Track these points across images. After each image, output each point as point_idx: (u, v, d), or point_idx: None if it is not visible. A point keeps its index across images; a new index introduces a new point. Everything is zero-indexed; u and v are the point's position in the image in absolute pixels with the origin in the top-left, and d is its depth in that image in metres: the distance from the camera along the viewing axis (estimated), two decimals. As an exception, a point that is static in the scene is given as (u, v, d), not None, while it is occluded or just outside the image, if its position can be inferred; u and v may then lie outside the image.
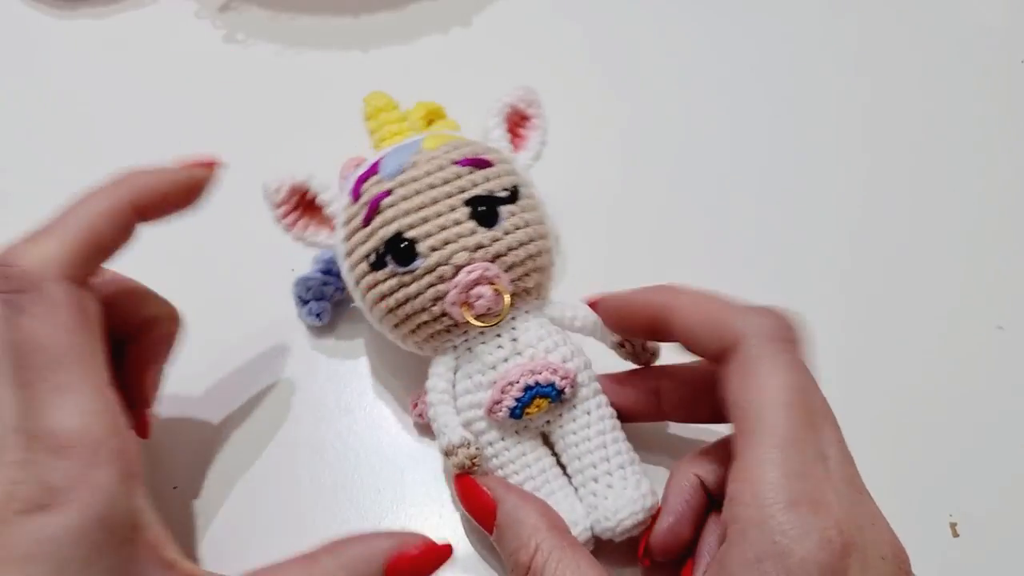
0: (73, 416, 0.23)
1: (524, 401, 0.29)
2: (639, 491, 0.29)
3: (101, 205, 0.27)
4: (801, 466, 0.24)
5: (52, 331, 0.24)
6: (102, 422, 0.24)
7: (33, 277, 0.24)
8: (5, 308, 0.24)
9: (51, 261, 0.25)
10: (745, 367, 0.26)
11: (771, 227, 0.41)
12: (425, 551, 0.27)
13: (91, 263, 0.26)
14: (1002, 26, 0.50)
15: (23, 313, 0.24)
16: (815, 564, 0.22)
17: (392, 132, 0.34)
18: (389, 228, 0.30)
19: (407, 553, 0.26)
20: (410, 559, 0.26)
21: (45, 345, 0.24)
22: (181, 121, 0.45)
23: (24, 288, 0.24)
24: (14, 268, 0.24)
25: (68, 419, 0.23)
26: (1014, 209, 0.42)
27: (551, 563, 0.26)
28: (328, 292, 0.37)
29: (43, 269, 0.24)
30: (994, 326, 0.38)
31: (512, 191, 0.31)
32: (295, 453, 0.34)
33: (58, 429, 0.23)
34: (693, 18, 0.51)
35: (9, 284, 0.24)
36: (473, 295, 0.29)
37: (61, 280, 0.25)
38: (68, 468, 0.23)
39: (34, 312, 0.24)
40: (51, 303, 0.24)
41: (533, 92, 0.35)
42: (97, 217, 0.26)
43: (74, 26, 0.50)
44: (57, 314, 0.24)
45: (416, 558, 0.26)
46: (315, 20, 0.50)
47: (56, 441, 0.23)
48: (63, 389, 0.24)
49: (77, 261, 0.25)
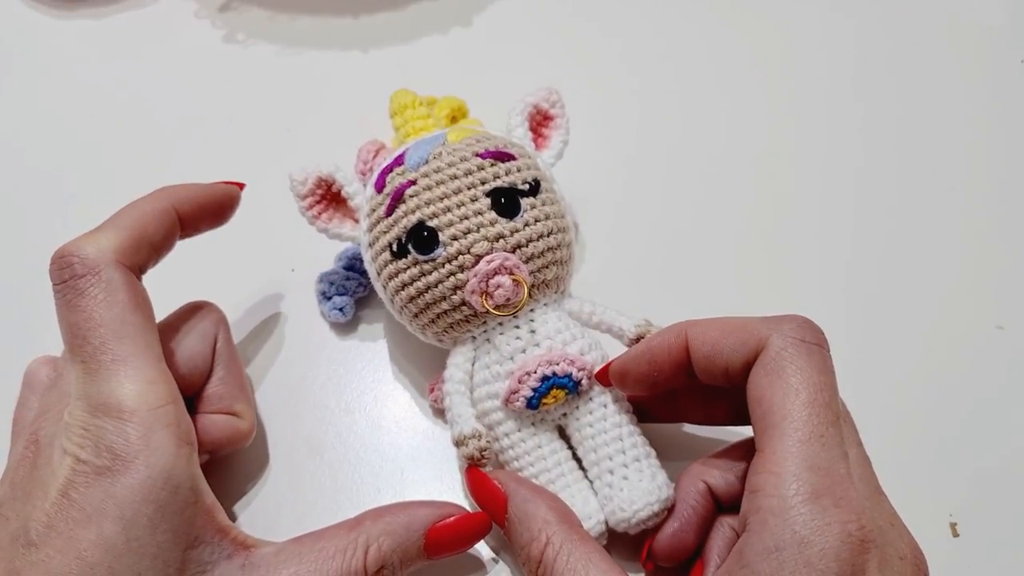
0: (132, 385, 0.25)
1: (541, 391, 0.30)
2: (655, 483, 0.29)
3: (148, 207, 0.29)
4: (825, 461, 0.24)
5: (109, 309, 0.26)
6: (159, 391, 0.26)
7: (90, 263, 0.27)
8: (69, 293, 0.27)
9: (107, 250, 0.27)
10: (771, 365, 0.26)
11: (772, 226, 0.41)
12: (465, 520, 0.29)
13: (144, 255, 0.29)
14: (1002, 26, 0.50)
15: (83, 295, 0.26)
16: (834, 556, 0.22)
17: (417, 128, 0.35)
18: (412, 217, 0.30)
19: (448, 522, 0.28)
20: (451, 528, 0.28)
21: (104, 322, 0.26)
22: (181, 121, 0.45)
23: (84, 273, 0.27)
24: (74, 257, 0.27)
25: (127, 388, 0.25)
26: (1014, 209, 0.42)
27: (562, 556, 0.26)
28: (351, 287, 0.37)
29: (99, 256, 0.27)
30: (994, 326, 0.38)
31: (533, 184, 0.31)
32: (295, 453, 0.34)
33: (118, 397, 0.25)
34: (693, 17, 0.51)
35: (72, 271, 0.27)
36: (492, 284, 0.30)
37: (117, 266, 0.27)
38: (129, 433, 0.25)
39: (93, 294, 0.26)
40: (108, 285, 0.27)
41: (556, 92, 0.35)
42: (145, 216, 0.29)
43: (74, 26, 0.50)
44: (114, 295, 0.27)
45: (456, 527, 0.29)
46: (315, 20, 0.50)
47: (117, 408, 0.25)
48: (121, 361, 0.26)
49: (130, 250, 0.28)
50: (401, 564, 0.28)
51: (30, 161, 0.44)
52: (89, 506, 0.24)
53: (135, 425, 0.25)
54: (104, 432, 0.25)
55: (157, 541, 0.24)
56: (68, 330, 0.27)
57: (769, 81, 0.48)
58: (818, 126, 0.46)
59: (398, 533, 0.28)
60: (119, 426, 0.25)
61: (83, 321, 0.26)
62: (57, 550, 0.24)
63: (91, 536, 0.24)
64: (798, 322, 0.27)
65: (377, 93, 0.37)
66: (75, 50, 0.49)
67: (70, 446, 0.25)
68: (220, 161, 0.43)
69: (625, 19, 0.51)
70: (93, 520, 0.24)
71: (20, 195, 0.43)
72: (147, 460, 0.25)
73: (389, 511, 0.29)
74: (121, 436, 0.25)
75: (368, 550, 0.27)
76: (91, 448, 0.25)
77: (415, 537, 0.28)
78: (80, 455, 0.25)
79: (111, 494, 0.24)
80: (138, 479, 0.24)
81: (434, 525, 0.28)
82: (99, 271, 0.27)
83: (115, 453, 0.24)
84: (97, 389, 0.25)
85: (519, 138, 0.34)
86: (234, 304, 0.37)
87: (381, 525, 0.28)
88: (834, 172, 0.44)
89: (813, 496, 0.23)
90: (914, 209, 0.42)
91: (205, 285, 0.34)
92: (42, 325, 0.30)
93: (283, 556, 0.27)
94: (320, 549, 0.27)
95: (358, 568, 0.27)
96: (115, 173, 0.43)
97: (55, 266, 0.27)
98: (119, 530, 0.24)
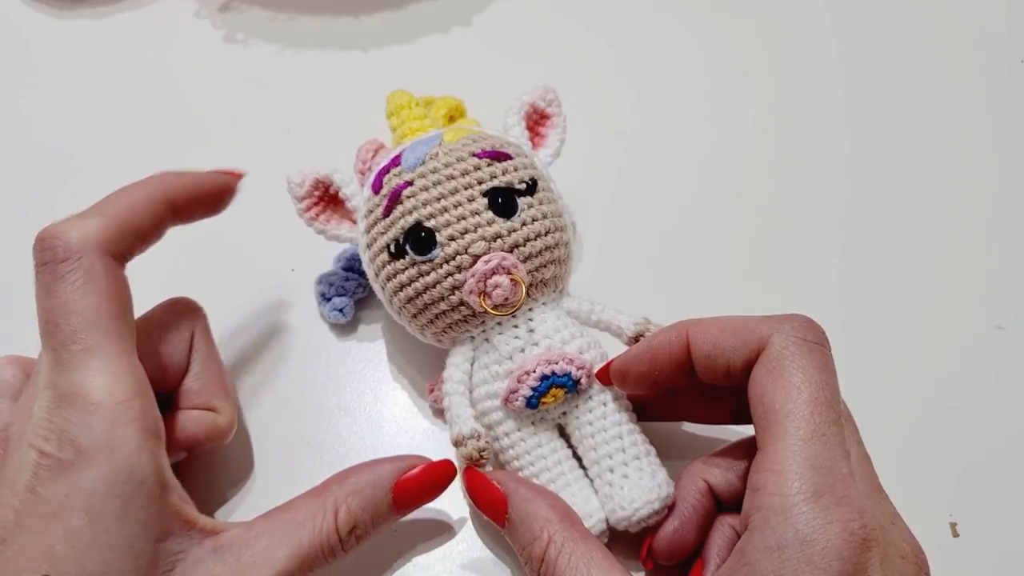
0: (99, 377, 0.25)
1: (540, 391, 0.30)
2: (655, 481, 0.29)
3: (138, 194, 0.29)
4: (827, 460, 0.24)
5: (86, 297, 0.26)
6: (127, 383, 0.25)
7: (73, 248, 0.26)
8: (47, 276, 0.26)
9: (91, 236, 0.26)
10: (772, 364, 0.26)
11: (770, 226, 0.41)
12: (429, 469, 0.29)
13: (128, 243, 0.28)
14: (1002, 26, 0.50)
15: (62, 280, 0.26)
16: (836, 555, 0.22)
17: (413, 129, 0.34)
18: (409, 218, 0.30)
19: (412, 474, 0.29)
20: (416, 479, 0.29)
21: (79, 309, 0.25)
22: (181, 121, 0.45)
23: (65, 258, 0.26)
24: (57, 240, 0.26)
25: (95, 379, 0.25)
26: (1014, 209, 0.42)
27: (564, 554, 0.26)
28: (350, 288, 0.37)
29: (83, 242, 0.26)
30: (994, 326, 0.38)
31: (530, 183, 0.31)
32: (295, 453, 0.34)
33: (85, 388, 0.25)
34: (691, 17, 0.51)
35: (54, 255, 0.26)
36: (490, 284, 0.30)
37: (99, 253, 0.26)
38: (93, 426, 0.24)
39: (72, 279, 0.26)
40: (88, 272, 0.26)
41: (553, 91, 0.35)
42: (134, 204, 0.28)
43: (74, 26, 0.50)
44: (93, 282, 0.26)
45: (421, 477, 0.29)
46: (315, 20, 0.50)
47: (83, 400, 0.25)
48: (91, 351, 0.25)
49: (115, 238, 0.27)
50: (372, 522, 0.28)
51: (30, 161, 0.44)
52: (55, 501, 0.24)
53: (99, 418, 0.24)
54: (68, 425, 0.24)
55: (125, 535, 0.24)
56: (43, 315, 0.26)
57: (766, 81, 0.48)
58: (817, 126, 0.46)
59: (365, 492, 0.28)
60: (83, 419, 0.24)
61: (58, 307, 0.26)
62: (25, 545, 0.24)
63: (58, 531, 0.23)
64: (800, 321, 0.27)
65: (377, 93, 0.37)
66: (75, 50, 0.49)
67: (35, 439, 0.24)
68: (220, 161, 0.43)
69: (624, 20, 0.51)
70: (59, 515, 0.24)
71: (19, 195, 0.43)
72: (111, 455, 0.24)
73: (354, 471, 0.29)
74: (85, 429, 0.24)
75: (338, 512, 0.27)
76: (55, 441, 0.24)
77: (382, 493, 0.28)
78: (44, 448, 0.24)
79: (76, 488, 0.24)
80: (102, 473, 0.24)
81: (399, 478, 0.28)
82: (80, 256, 0.26)
83: (78, 447, 0.24)
84: (66, 379, 0.25)
85: (516, 137, 0.34)
86: (234, 304, 0.37)
87: (347, 486, 0.28)
88: (834, 172, 0.44)
89: (815, 495, 0.23)
90: (913, 209, 0.42)
91: (205, 285, 0.34)
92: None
93: (254, 532, 0.27)
94: (289, 520, 0.27)
95: (330, 531, 0.27)
96: (115, 173, 0.43)
97: (37, 247, 0.26)
98: (85, 524, 0.24)
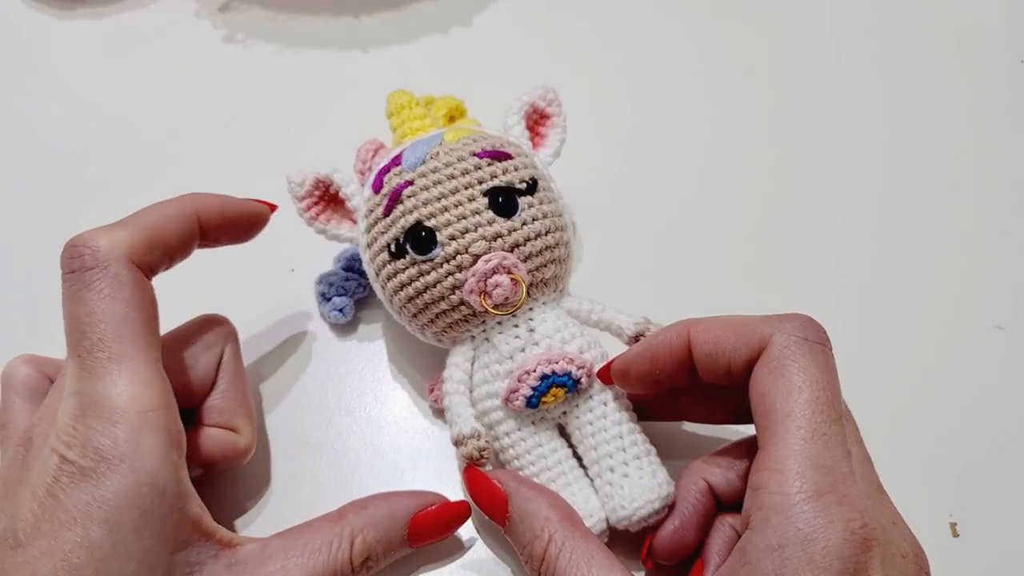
0: (124, 386, 0.25)
1: (540, 390, 0.30)
2: (655, 480, 0.29)
3: (170, 210, 0.29)
4: (828, 459, 0.24)
5: (113, 306, 0.26)
6: (152, 394, 0.25)
7: (101, 257, 0.26)
8: (75, 284, 0.26)
9: (119, 245, 0.27)
10: (774, 363, 0.26)
11: (770, 226, 0.41)
12: (445, 508, 0.30)
13: (156, 256, 0.28)
14: (1002, 26, 0.50)
15: (89, 288, 0.26)
16: (837, 554, 0.22)
17: (414, 128, 0.34)
18: (409, 217, 0.30)
19: (429, 511, 0.29)
20: (432, 516, 0.29)
21: (106, 318, 0.26)
22: (181, 121, 0.45)
23: (93, 266, 0.26)
24: (86, 248, 0.26)
25: (120, 388, 0.25)
26: (1014, 209, 0.42)
27: (565, 554, 0.26)
28: (350, 288, 0.37)
29: (111, 250, 0.26)
30: (994, 326, 0.38)
31: (530, 183, 0.31)
32: (295, 453, 0.34)
33: (110, 397, 0.25)
34: (693, 17, 0.51)
35: (82, 263, 0.26)
36: (491, 284, 0.30)
37: (127, 263, 0.27)
38: (117, 435, 0.24)
39: (99, 288, 0.26)
40: (115, 281, 0.26)
41: (553, 91, 0.35)
42: (165, 218, 0.28)
43: (74, 26, 0.50)
44: (120, 291, 0.26)
45: (437, 515, 0.29)
46: (315, 20, 0.50)
47: (107, 408, 0.25)
48: (117, 360, 0.25)
49: (143, 250, 0.27)
50: (385, 554, 0.29)
51: (29, 161, 0.44)
52: (74, 507, 0.24)
53: (124, 427, 0.24)
54: (92, 433, 0.24)
55: (143, 545, 0.24)
56: (69, 322, 0.26)
57: (766, 81, 0.48)
58: (817, 125, 0.46)
59: (382, 524, 0.28)
60: (108, 427, 0.24)
61: (85, 315, 0.26)
62: (42, 551, 0.24)
63: (76, 538, 0.24)
64: (801, 321, 0.27)
65: (377, 93, 0.37)
66: (75, 50, 0.49)
67: (58, 445, 0.25)
68: (220, 161, 0.43)
69: (624, 20, 0.51)
70: (79, 522, 0.24)
71: (19, 195, 0.43)
72: (133, 464, 0.24)
73: (371, 502, 0.29)
74: (109, 438, 0.24)
75: (354, 542, 0.28)
76: (78, 448, 0.24)
77: (398, 527, 0.29)
78: (67, 454, 0.24)
79: (96, 496, 0.24)
80: (124, 483, 0.24)
81: (416, 514, 0.29)
82: (108, 265, 0.26)
83: (101, 455, 0.24)
84: (90, 387, 0.25)
85: (516, 137, 0.34)
86: (234, 305, 0.37)
87: (364, 517, 0.28)
88: (834, 172, 0.44)
89: (816, 494, 0.23)
90: (913, 209, 0.42)
91: (205, 285, 0.34)
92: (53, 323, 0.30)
93: (268, 551, 0.27)
94: (305, 543, 0.27)
95: (344, 561, 0.27)
96: (115, 173, 0.43)
97: (66, 254, 0.27)
98: (105, 533, 0.24)
